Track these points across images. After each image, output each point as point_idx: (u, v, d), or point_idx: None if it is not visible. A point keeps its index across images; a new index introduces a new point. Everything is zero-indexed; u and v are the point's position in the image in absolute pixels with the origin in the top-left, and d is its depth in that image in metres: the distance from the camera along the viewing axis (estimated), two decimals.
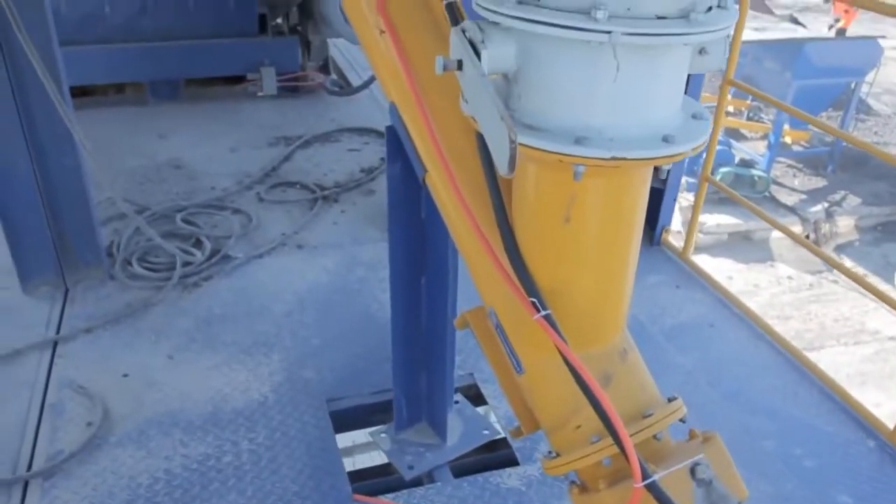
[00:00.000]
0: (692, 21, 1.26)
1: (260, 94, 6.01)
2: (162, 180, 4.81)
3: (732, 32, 1.33)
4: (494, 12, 1.31)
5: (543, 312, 1.49)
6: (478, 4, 1.36)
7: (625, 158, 1.31)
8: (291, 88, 6.14)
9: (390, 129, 2.10)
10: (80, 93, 4.96)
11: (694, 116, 1.47)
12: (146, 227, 3.70)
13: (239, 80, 6.18)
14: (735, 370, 3.35)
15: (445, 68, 1.38)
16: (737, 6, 1.44)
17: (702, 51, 1.41)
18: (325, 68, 6.60)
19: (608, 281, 1.60)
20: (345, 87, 6.26)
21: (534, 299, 1.50)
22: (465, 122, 1.49)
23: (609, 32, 1.20)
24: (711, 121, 1.56)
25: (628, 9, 1.23)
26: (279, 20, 6.25)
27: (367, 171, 4.93)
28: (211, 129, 5.55)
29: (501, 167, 1.25)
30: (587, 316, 1.61)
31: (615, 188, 1.46)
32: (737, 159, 13.12)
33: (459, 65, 1.37)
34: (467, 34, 1.37)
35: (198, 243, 4.07)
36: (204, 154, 5.15)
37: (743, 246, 11.96)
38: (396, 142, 2.06)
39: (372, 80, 5.69)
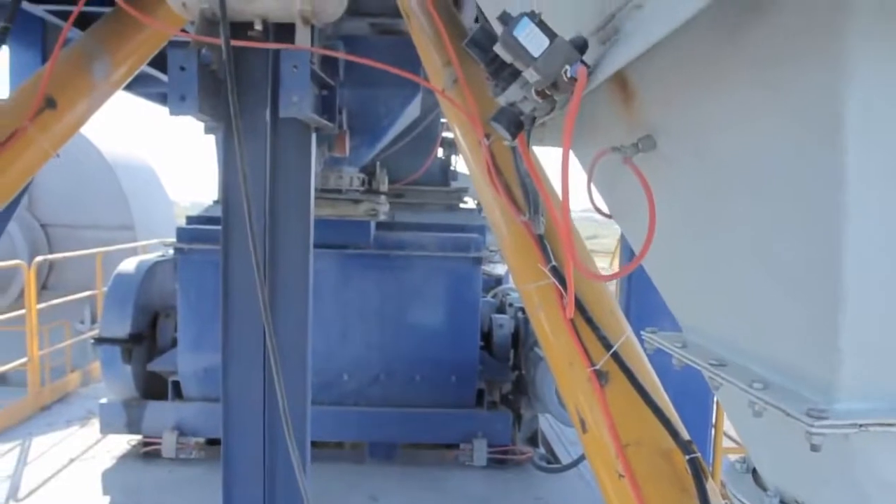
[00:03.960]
0: None
1: (469, 463, 6.16)
2: None
3: None
4: None
5: None
6: None
7: None
8: (500, 460, 6.24)
9: None
10: None
11: None
12: None
13: (451, 446, 6.42)
14: None
15: None
16: None
17: None
18: (533, 440, 6.71)
19: None
20: (553, 464, 6.27)
21: None
22: None
23: None
24: None
25: None
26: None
27: None
28: (420, 497, 5.67)
29: None
30: None
31: None
32: None
33: None
34: None
35: None
36: None
37: None
38: None
39: (581, 459, 5.72)
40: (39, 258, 8.45)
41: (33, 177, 3.58)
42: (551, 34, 1.12)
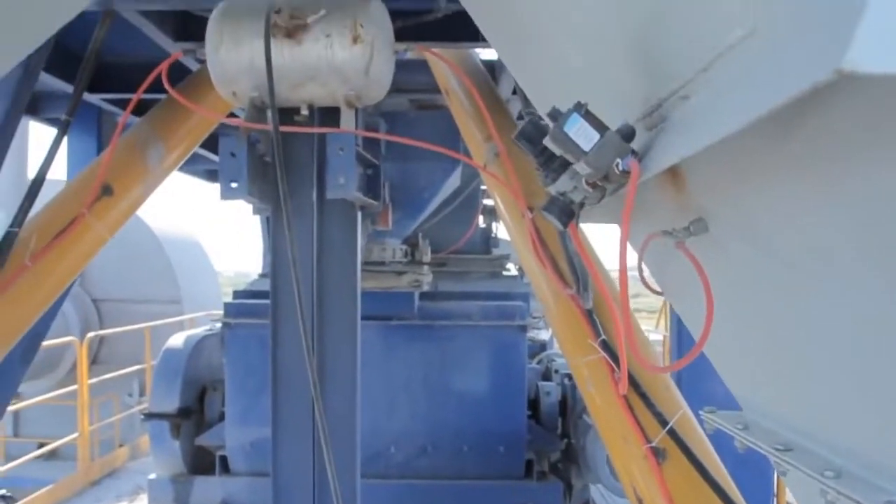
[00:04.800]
0: None
1: None
2: None
3: None
4: None
5: None
6: None
7: None
8: None
9: None
10: None
11: None
12: None
13: None
14: None
15: None
16: None
17: None
18: None
19: None
20: None
21: None
22: None
23: None
24: None
25: None
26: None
27: None
28: None
29: None
30: None
31: None
32: None
33: None
34: None
35: None
36: None
37: None
38: None
39: None
40: (91, 334, 8.64)
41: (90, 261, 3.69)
42: (601, 127, 1.14)
